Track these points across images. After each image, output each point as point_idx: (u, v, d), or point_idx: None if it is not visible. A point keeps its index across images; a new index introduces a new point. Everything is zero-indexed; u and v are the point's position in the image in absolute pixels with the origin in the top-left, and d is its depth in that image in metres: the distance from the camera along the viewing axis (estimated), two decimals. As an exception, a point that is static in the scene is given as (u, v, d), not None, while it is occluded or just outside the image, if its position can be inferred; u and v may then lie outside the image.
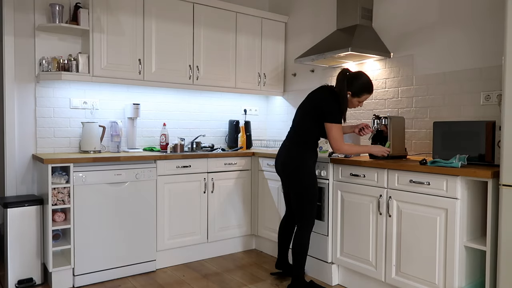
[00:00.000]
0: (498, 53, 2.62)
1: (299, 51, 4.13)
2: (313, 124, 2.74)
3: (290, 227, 3.04)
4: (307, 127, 2.76)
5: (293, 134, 2.82)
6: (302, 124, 2.79)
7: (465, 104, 2.82)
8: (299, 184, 2.74)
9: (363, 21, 3.37)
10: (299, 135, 2.78)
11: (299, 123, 2.80)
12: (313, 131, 2.76)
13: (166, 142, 3.67)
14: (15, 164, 3.17)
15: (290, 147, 2.80)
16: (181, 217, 3.38)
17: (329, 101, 2.71)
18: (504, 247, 2.06)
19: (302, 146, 2.77)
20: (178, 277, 3.14)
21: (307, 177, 2.74)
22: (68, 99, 3.37)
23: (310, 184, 2.74)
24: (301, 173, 2.73)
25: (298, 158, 2.75)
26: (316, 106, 2.73)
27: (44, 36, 3.24)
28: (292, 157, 2.76)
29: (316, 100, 2.76)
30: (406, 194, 2.50)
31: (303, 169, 2.73)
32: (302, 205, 2.75)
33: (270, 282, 3.04)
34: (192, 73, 3.68)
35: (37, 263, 2.90)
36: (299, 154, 2.75)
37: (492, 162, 2.35)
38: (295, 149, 2.78)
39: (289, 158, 2.78)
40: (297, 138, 2.79)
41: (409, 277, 2.49)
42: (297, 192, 2.76)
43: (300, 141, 2.77)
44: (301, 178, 2.73)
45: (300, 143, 2.77)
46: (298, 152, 2.76)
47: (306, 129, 2.76)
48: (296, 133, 2.80)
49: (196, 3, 3.67)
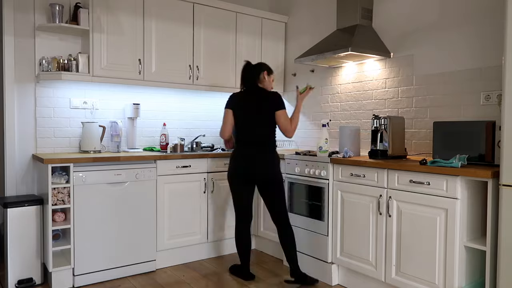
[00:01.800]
0: (498, 53, 2.62)
1: (299, 51, 4.13)
2: (272, 126, 2.96)
3: (248, 231, 3.09)
4: (271, 131, 2.96)
5: (254, 140, 2.94)
6: (263, 129, 2.94)
7: (465, 104, 2.82)
8: (282, 187, 2.97)
9: (363, 21, 3.37)
10: (261, 141, 2.95)
11: (260, 129, 2.94)
12: (274, 133, 2.99)
13: (166, 142, 3.67)
14: (15, 164, 3.17)
15: (256, 155, 2.92)
16: (181, 217, 3.38)
17: (269, 92, 2.99)
18: (504, 247, 2.06)
19: (273, 151, 2.98)
20: (178, 277, 3.14)
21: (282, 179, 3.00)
22: (68, 99, 3.37)
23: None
24: (280, 177, 2.97)
25: (276, 163, 2.96)
26: (268, 106, 2.92)
27: (44, 36, 3.24)
28: (270, 163, 2.93)
29: (264, 101, 2.94)
30: (406, 194, 2.50)
31: (280, 173, 2.97)
32: (285, 205, 3.01)
33: (270, 282, 3.04)
34: (192, 73, 3.68)
35: (37, 263, 2.90)
36: (275, 159, 2.96)
37: (492, 162, 2.35)
38: (268, 155, 2.94)
39: (265, 166, 2.92)
40: (260, 144, 2.95)
41: (409, 277, 2.49)
42: (281, 195, 2.97)
43: (270, 147, 2.97)
44: (281, 181, 2.97)
45: (271, 149, 2.97)
46: (274, 157, 2.96)
47: (271, 133, 2.96)
48: (257, 138, 2.94)
49: (196, 3, 3.67)
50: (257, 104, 2.94)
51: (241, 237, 3.07)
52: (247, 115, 2.96)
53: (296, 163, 3.27)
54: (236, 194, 3.06)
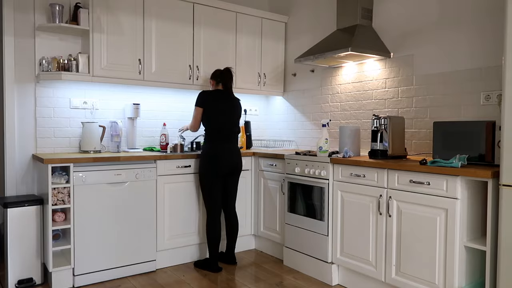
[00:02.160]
0: (498, 53, 2.62)
1: (299, 51, 4.13)
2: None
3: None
4: (238, 129, 3.40)
5: (233, 137, 3.31)
6: (237, 127, 3.35)
7: (465, 104, 2.82)
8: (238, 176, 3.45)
9: (363, 21, 3.37)
10: (236, 138, 3.36)
11: (235, 127, 3.33)
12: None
13: (166, 142, 3.66)
14: (15, 164, 3.17)
15: (236, 149, 3.34)
16: (181, 217, 3.38)
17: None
18: (504, 247, 2.06)
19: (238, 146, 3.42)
20: (178, 277, 3.14)
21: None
22: (68, 99, 3.37)
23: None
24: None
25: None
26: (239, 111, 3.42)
27: (44, 36, 3.24)
28: (240, 158, 3.37)
29: (239, 106, 3.40)
30: (406, 194, 2.50)
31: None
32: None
33: (270, 282, 3.04)
34: (192, 73, 3.68)
35: (37, 263, 2.90)
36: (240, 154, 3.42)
37: (492, 162, 2.35)
38: (239, 150, 3.37)
39: (240, 159, 3.35)
40: (236, 140, 3.36)
41: (409, 277, 2.49)
42: (236, 183, 3.42)
43: (236, 142, 3.38)
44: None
45: (236, 144, 3.39)
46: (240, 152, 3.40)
47: (238, 131, 3.39)
48: (234, 135, 3.33)
49: (196, 3, 3.67)
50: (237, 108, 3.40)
51: (219, 229, 3.29)
52: (226, 115, 3.30)
53: (296, 163, 3.27)
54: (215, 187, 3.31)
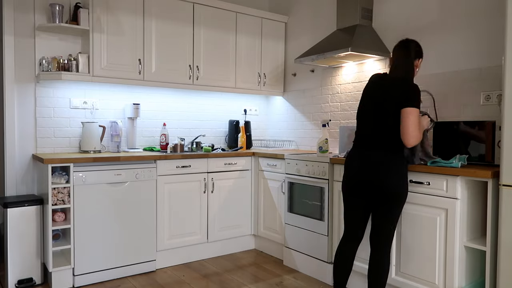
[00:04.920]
0: (498, 53, 2.62)
1: (299, 51, 4.12)
2: (396, 120, 2.20)
3: (352, 251, 2.43)
4: (394, 124, 2.19)
5: (382, 138, 2.24)
6: (387, 122, 2.22)
7: (465, 104, 2.82)
8: (400, 203, 2.27)
9: (363, 21, 3.37)
10: (390, 139, 2.22)
11: (386, 122, 2.22)
12: (397, 129, 2.20)
13: (166, 142, 3.67)
14: (15, 164, 3.17)
15: (386, 157, 2.22)
16: (181, 217, 3.38)
17: (410, 82, 2.25)
18: (504, 247, 2.06)
19: (398, 154, 2.23)
20: (178, 277, 3.14)
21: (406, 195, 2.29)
22: (68, 99, 3.37)
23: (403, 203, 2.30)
24: (405, 189, 2.26)
25: (403, 172, 2.24)
26: (398, 94, 2.20)
27: (44, 36, 3.24)
28: (395, 171, 2.21)
29: (398, 86, 2.22)
30: (406, 194, 2.49)
31: (407, 186, 2.28)
32: (392, 225, 2.29)
33: (270, 282, 3.04)
34: (192, 73, 3.68)
35: (37, 263, 2.90)
36: (402, 166, 2.24)
37: (492, 162, 2.35)
38: (395, 161, 2.23)
39: (390, 172, 2.20)
40: (389, 143, 2.23)
41: (409, 277, 2.49)
42: (394, 211, 2.27)
43: (394, 147, 2.23)
44: (404, 195, 2.26)
45: (394, 150, 2.23)
46: (400, 163, 2.24)
47: (395, 128, 2.19)
48: (387, 136, 2.23)
49: (196, 3, 3.67)
50: (385, 92, 2.28)
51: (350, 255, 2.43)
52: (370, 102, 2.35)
53: (296, 163, 3.27)
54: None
